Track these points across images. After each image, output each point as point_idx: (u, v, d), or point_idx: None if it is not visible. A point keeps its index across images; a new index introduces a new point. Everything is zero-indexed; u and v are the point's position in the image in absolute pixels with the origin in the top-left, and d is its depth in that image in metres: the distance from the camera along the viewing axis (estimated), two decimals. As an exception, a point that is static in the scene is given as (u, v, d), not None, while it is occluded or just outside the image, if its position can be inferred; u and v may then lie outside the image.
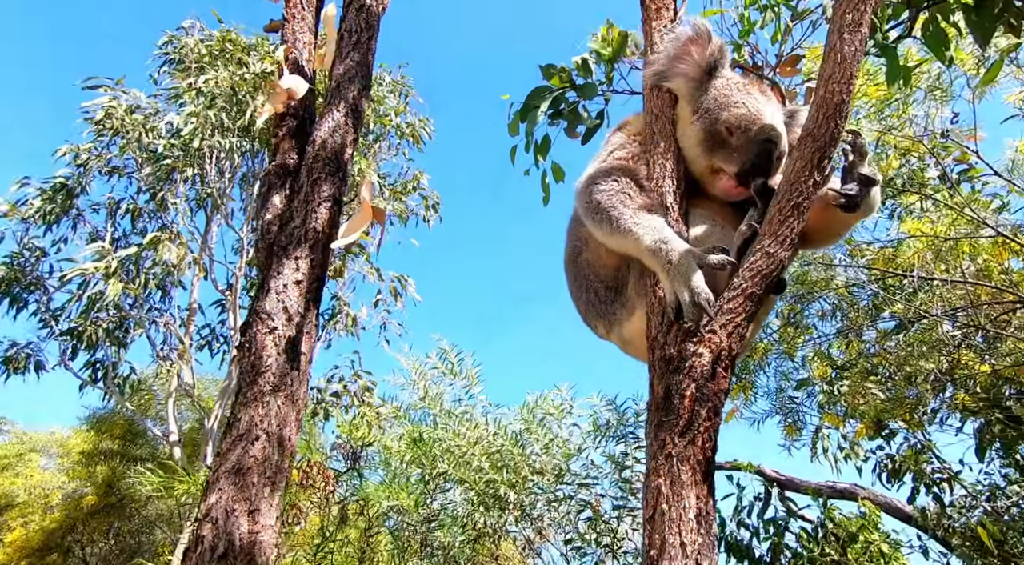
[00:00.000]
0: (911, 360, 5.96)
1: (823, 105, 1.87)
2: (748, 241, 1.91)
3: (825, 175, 1.90)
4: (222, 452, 1.82)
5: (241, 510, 1.70)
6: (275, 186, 2.30)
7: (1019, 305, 5.12)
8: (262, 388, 1.89)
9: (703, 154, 2.09)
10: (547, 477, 5.65)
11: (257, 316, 2.00)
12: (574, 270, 2.33)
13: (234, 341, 8.65)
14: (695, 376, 1.82)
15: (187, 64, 9.74)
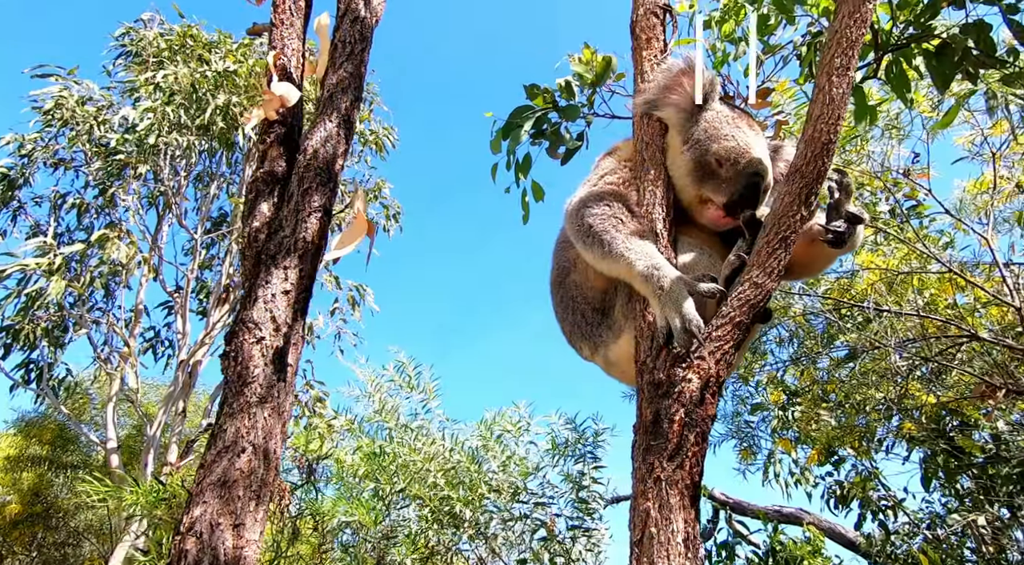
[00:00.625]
0: (862, 389, 6.19)
1: (811, 143, 1.97)
2: (736, 271, 1.99)
3: (811, 210, 2.00)
4: (206, 464, 1.79)
5: (226, 524, 1.68)
6: (263, 193, 2.29)
7: (965, 339, 5.39)
8: (248, 399, 1.87)
9: (692, 183, 2.17)
10: (503, 495, 5.66)
11: (244, 325, 1.98)
12: (560, 291, 2.38)
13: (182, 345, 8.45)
14: (684, 401, 1.87)
15: (145, 58, 9.53)
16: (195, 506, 1.70)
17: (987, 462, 5.89)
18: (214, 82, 8.98)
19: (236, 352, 1.94)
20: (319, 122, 2.36)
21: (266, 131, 2.46)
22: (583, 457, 5.66)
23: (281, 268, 2.06)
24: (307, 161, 2.28)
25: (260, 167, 2.36)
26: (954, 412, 6.04)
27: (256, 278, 2.07)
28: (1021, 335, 5.57)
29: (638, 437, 1.95)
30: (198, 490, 1.74)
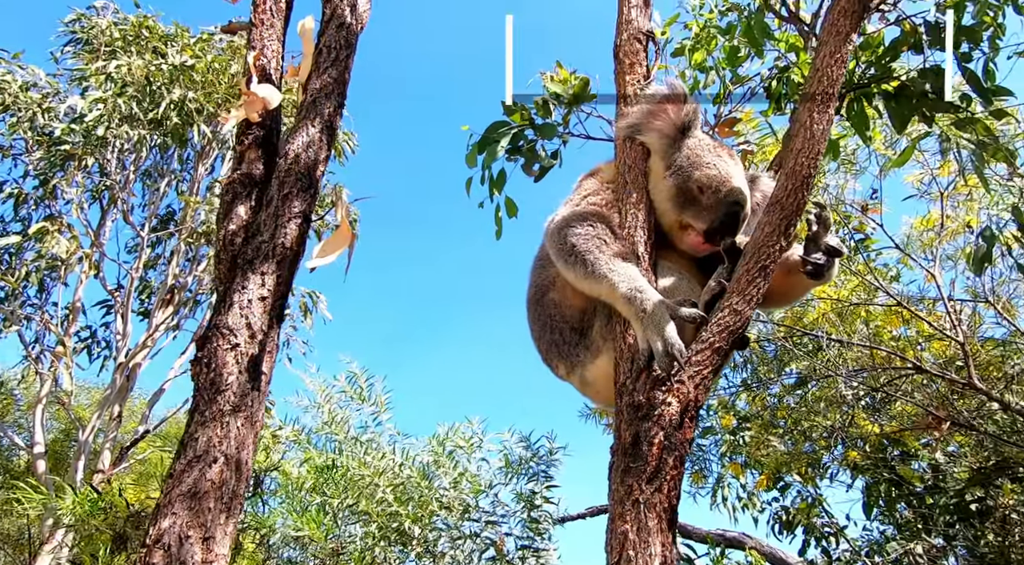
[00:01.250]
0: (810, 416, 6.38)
1: (792, 176, 2.05)
2: (716, 297, 2.05)
3: (790, 241, 2.08)
4: (176, 474, 1.75)
5: (196, 537, 1.64)
6: (240, 196, 2.26)
7: (910, 371, 5.61)
8: (221, 407, 1.83)
9: (674, 209, 2.23)
10: (454, 513, 5.63)
11: (218, 331, 1.94)
12: (538, 309, 2.40)
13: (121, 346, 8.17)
14: (664, 424, 1.91)
15: (96, 47, 9.27)
16: (163, 517, 1.66)
17: (926, 492, 6.12)
18: (170, 76, 8.78)
19: (209, 358, 1.90)
20: (301, 127, 2.35)
21: (244, 132, 2.42)
22: (536, 476, 5.67)
23: (258, 274, 2.03)
24: (288, 165, 2.25)
25: (237, 169, 2.33)
26: (896, 442, 6.27)
27: (232, 283, 2.04)
28: (962, 368, 5.83)
29: (616, 458, 1.97)
30: (166, 501, 1.69)
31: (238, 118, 2.40)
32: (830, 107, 2.11)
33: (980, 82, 3.61)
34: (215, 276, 2.13)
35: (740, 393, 6.82)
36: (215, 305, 2.06)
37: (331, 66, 2.48)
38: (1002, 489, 5.72)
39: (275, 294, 2.06)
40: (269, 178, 2.34)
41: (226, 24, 3.18)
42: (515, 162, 3.48)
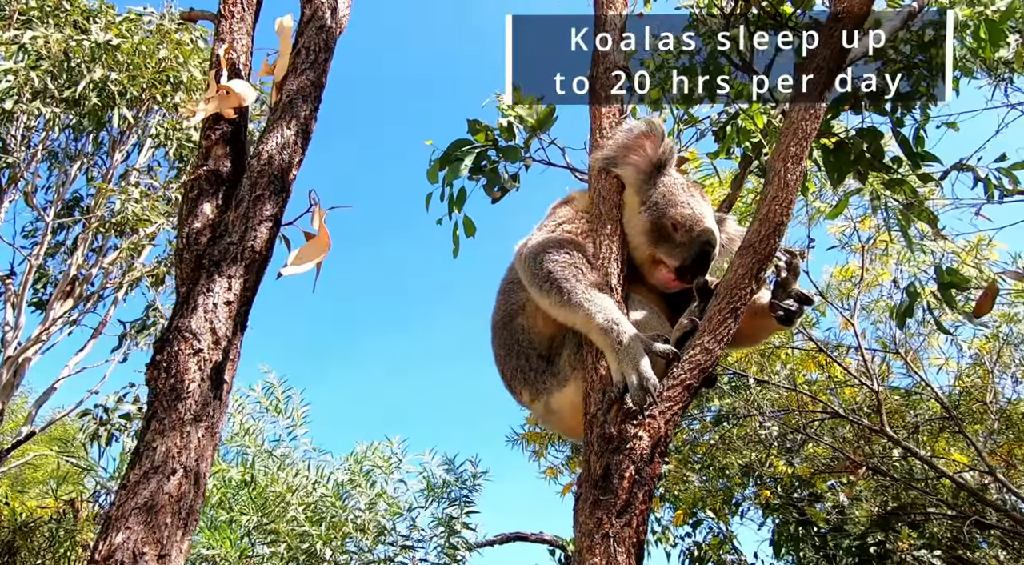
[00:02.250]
0: (727, 453, 6.62)
1: (765, 222, 2.14)
2: (688, 334, 2.12)
3: (761, 284, 2.18)
4: (130, 485, 1.65)
5: (151, 554, 1.55)
6: (206, 193, 2.18)
7: (827, 415, 5.92)
8: (182, 416, 1.75)
9: (647, 244, 2.29)
10: (368, 535, 5.52)
11: (180, 334, 1.87)
12: (505, 334, 2.41)
13: (10, 338, 7.63)
14: (635, 459, 1.96)
15: (9, 14, 8.75)
16: (115, 532, 1.56)
17: (829, 533, 6.44)
18: (91, 54, 8.38)
19: (169, 363, 1.82)
20: (276, 127, 2.30)
21: (211, 127, 2.35)
22: (457, 500, 5.64)
23: (225, 277, 1.97)
24: (261, 167, 2.20)
25: (203, 165, 2.25)
26: (805, 483, 6.58)
27: (196, 284, 1.96)
28: (871, 415, 6.19)
29: (584, 490, 2.00)
30: (119, 514, 1.60)
31: (207, 112, 2.33)
32: (803, 160, 2.23)
33: (911, 146, 3.90)
34: (177, 276, 2.05)
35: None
36: (176, 307, 1.98)
37: (309, 68, 2.44)
38: (900, 534, 6.08)
39: (241, 299, 2.00)
40: (236, 177, 2.27)
41: (187, 11, 3.09)
42: (476, 182, 3.52)
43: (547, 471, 5.85)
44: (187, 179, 2.21)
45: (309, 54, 2.47)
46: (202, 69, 9.66)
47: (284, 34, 2.55)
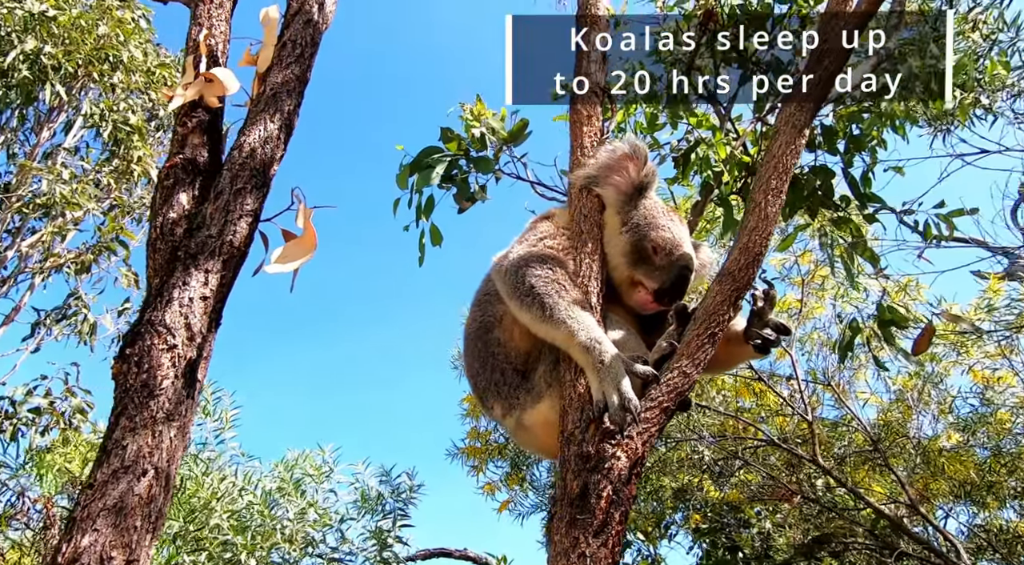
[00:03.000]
0: (660, 476, 6.75)
1: (745, 251, 2.22)
2: (666, 357, 2.17)
3: (738, 311, 2.25)
4: (97, 484, 1.58)
5: (119, 559, 1.48)
6: (183, 183, 2.11)
7: (763, 442, 6.12)
8: (154, 414, 1.68)
9: (626, 264, 2.34)
10: (295, 546, 5.38)
11: (153, 328, 1.80)
12: (480, 346, 2.40)
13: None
14: (613, 479, 1.98)
15: (-66, -26, 8.28)
16: (81, 534, 1.49)
17: (755, 560, 6.62)
18: (24, 24, 7.99)
19: (141, 358, 1.75)
20: (259, 120, 2.25)
21: (188, 114, 2.28)
22: (391, 513, 5.56)
23: (202, 271, 1.91)
24: (243, 159, 2.15)
25: (179, 152, 2.19)
26: (734, 509, 6.77)
27: (171, 277, 1.90)
28: (802, 444, 6.43)
29: (560, 509, 2.02)
30: (85, 515, 1.52)
31: (186, 98, 2.26)
32: (783, 193, 2.32)
33: (859, 187, 4.10)
34: (149, 267, 1.98)
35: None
36: (148, 299, 1.91)
37: (295, 62, 2.41)
38: (823, 562, 6.32)
39: (217, 296, 1.94)
40: (213, 168, 2.22)
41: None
42: (447, 190, 3.52)
43: (485, 487, 5.85)
44: (164, 166, 2.14)
45: (295, 47, 2.44)
46: (143, 50, 9.34)
47: (269, 25, 2.50)
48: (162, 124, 9.19)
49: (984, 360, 7.04)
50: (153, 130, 9.09)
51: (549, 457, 2.45)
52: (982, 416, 7.10)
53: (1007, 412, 6.97)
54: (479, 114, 4.77)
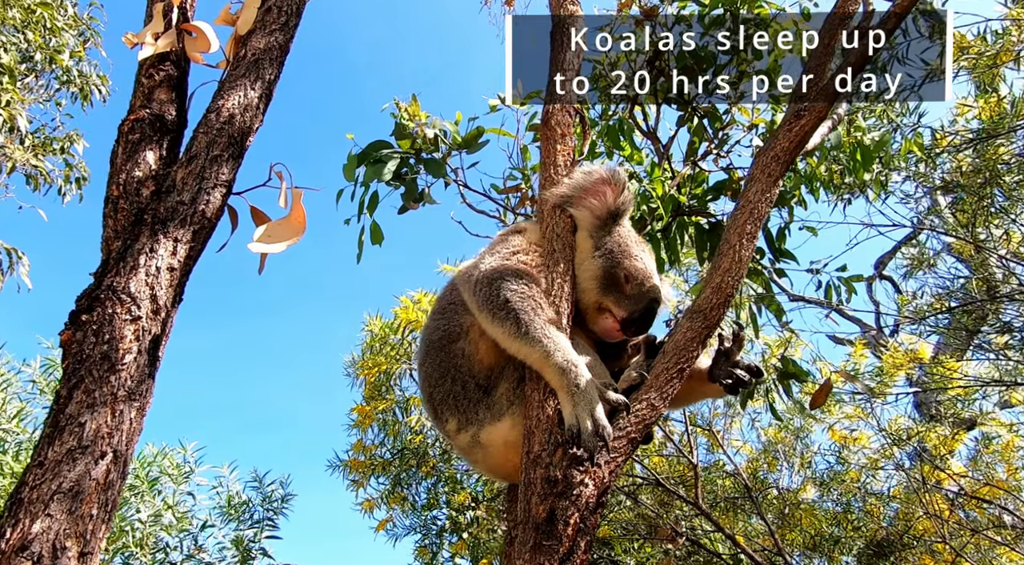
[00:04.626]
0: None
1: (717, 291, 2.33)
2: (634, 387, 2.22)
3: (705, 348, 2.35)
4: (48, 463, 1.41)
5: (74, 550, 1.33)
6: (149, 140, 1.96)
7: (648, 481, 6.34)
8: (115, 391, 1.54)
9: (596, 290, 2.38)
10: (146, 552, 5.01)
11: (115, 295, 1.64)
12: (442, 355, 2.36)
13: None
14: (580, 506, 2.00)
15: None
16: (31, 518, 1.33)
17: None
18: None
19: (101, 326, 1.60)
20: (239, 85, 2.13)
21: (155, 67, 2.13)
22: (259, 522, 5.31)
23: (171, 239, 1.77)
24: (220, 124, 2.02)
25: (145, 106, 2.03)
26: (605, 544, 6.95)
27: (136, 241, 1.75)
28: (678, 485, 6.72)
29: (523, 532, 2.01)
30: (34, 497, 1.36)
31: (156, 49, 2.11)
32: (756, 238, 2.45)
33: (774, 241, 4.40)
34: (108, 226, 1.82)
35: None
36: (108, 262, 1.75)
37: (279, 30, 2.30)
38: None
39: (183, 268, 1.81)
40: (179, 127, 2.07)
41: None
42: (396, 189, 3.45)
43: (364, 504, 5.70)
44: (128, 118, 1.98)
45: (280, 15, 2.33)
46: None
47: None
48: (35, 68, 8.45)
49: (843, 420, 7.63)
50: (24, 73, 8.33)
51: (501, 478, 2.42)
52: (836, 474, 7.65)
53: (857, 471, 7.56)
54: (414, 114, 4.75)
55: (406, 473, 5.64)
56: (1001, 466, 7.02)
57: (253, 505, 5.30)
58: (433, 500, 5.94)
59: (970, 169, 6.35)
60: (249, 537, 5.24)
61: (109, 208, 1.85)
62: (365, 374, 5.57)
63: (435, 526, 5.90)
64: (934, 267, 7.38)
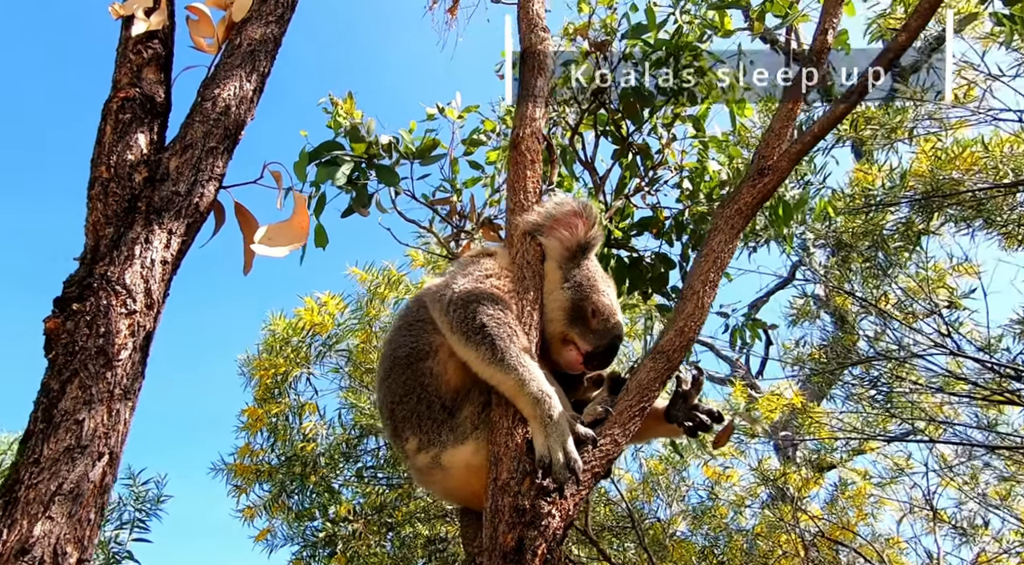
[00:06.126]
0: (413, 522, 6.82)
1: (680, 334, 2.50)
2: (598, 422, 2.34)
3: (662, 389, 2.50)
4: (45, 461, 1.33)
5: (74, 556, 1.27)
6: (140, 122, 1.89)
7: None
8: (111, 388, 1.48)
9: (563, 321, 2.48)
10: None
11: (109, 286, 1.58)
12: (408, 373, 2.38)
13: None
14: (548, 537, 2.11)
15: None
16: (30, 519, 1.26)
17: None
18: None
19: (95, 318, 1.53)
20: (234, 75, 2.09)
21: (144, 43, 2.05)
22: (129, 523, 5.03)
23: (165, 231, 1.72)
24: (217, 115, 1.98)
25: (134, 85, 1.95)
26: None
27: (130, 230, 1.69)
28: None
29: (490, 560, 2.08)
30: (33, 497, 1.29)
31: (149, 26, 2.04)
32: (717, 286, 2.64)
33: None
34: (97, 209, 1.74)
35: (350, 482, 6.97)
36: (97, 248, 1.68)
37: (275, 22, 2.27)
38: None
39: (174, 262, 1.76)
40: (167, 111, 2.01)
41: None
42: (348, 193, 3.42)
43: (245, 511, 5.51)
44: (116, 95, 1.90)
45: (277, 6, 2.30)
46: None
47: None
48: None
49: (718, 456, 8.09)
50: None
51: (456, 501, 2.45)
52: (708, 509, 8.09)
53: (726, 508, 8.02)
54: (348, 112, 4.75)
55: (291, 481, 5.50)
56: (853, 510, 7.64)
57: (124, 504, 5.03)
58: (312, 509, 5.82)
59: (860, 231, 6.96)
60: (114, 538, 4.96)
61: (98, 190, 1.77)
62: (260, 375, 5.41)
63: (314, 537, 5.78)
64: (817, 318, 7.99)
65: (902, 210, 7.07)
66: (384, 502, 6.95)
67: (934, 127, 6.64)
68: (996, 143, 6.05)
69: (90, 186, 1.80)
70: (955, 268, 6.85)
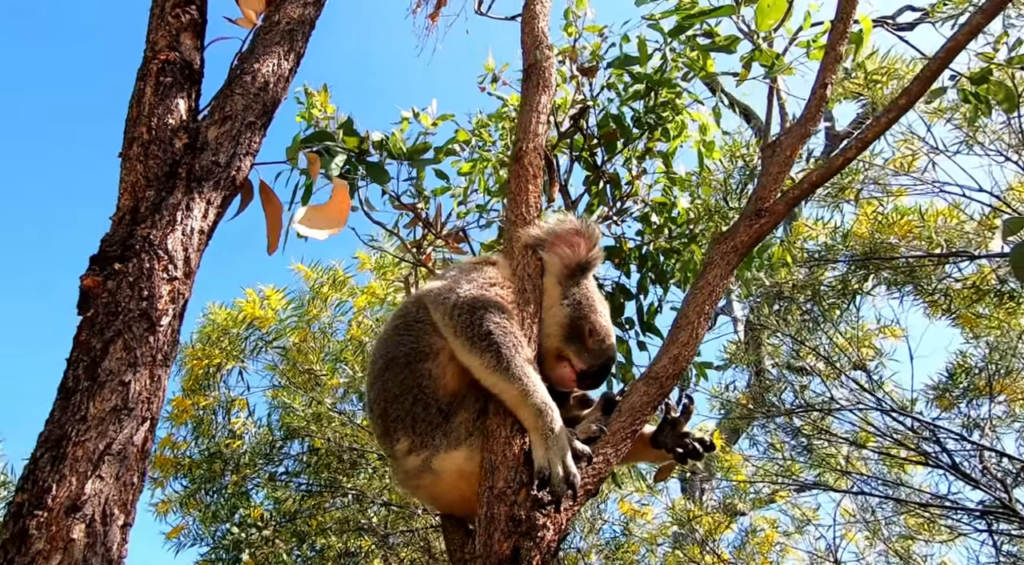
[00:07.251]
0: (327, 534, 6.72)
1: (674, 362, 2.59)
2: (591, 439, 2.40)
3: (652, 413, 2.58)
4: (92, 419, 1.30)
5: (120, 517, 1.24)
6: (180, 86, 1.87)
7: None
8: (154, 353, 1.45)
9: (560, 337, 2.54)
10: None
11: (152, 249, 1.56)
12: (405, 373, 2.39)
13: None
14: (543, 549, 2.15)
15: None
16: (78, 477, 1.23)
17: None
18: None
19: (137, 280, 1.51)
20: (273, 52, 2.09)
21: (183, 6, 2.03)
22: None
23: (204, 200, 1.71)
24: (256, 90, 1.98)
25: (174, 49, 1.93)
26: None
27: (171, 195, 1.67)
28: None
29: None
30: (79, 454, 1.25)
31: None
32: (711, 316, 2.76)
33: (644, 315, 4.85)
34: (137, 170, 1.71)
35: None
36: (137, 210, 1.65)
37: (313, 4, 2.29)
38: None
39: (208, 233, 1.75)
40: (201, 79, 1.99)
41: None
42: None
43: (159, 506, 5.30)
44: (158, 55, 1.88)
45: (313, -11, 2.32)
46: None
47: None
48: None
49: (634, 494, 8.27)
50: None
51: (441, 507, 2.44)
52: (620, 544, 8.24)
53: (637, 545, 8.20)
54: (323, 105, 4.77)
55: (209, 479, 5.33)
56: (759, 557, 7.93)
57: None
58: (223, 511, 5.65)
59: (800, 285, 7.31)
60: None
61: (138, 150, 1.74)
62: (192, 364, 5.25)
63: (225, 541, 5.60)
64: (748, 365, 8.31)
65: (839, 268, 7.43)
66: (299, 510, 6.81)
67: (877, 191, 7.05)
68: (931, 214, 6.47)
69: (127, 145, 1.78)
70: (882, 330, 7.24)
